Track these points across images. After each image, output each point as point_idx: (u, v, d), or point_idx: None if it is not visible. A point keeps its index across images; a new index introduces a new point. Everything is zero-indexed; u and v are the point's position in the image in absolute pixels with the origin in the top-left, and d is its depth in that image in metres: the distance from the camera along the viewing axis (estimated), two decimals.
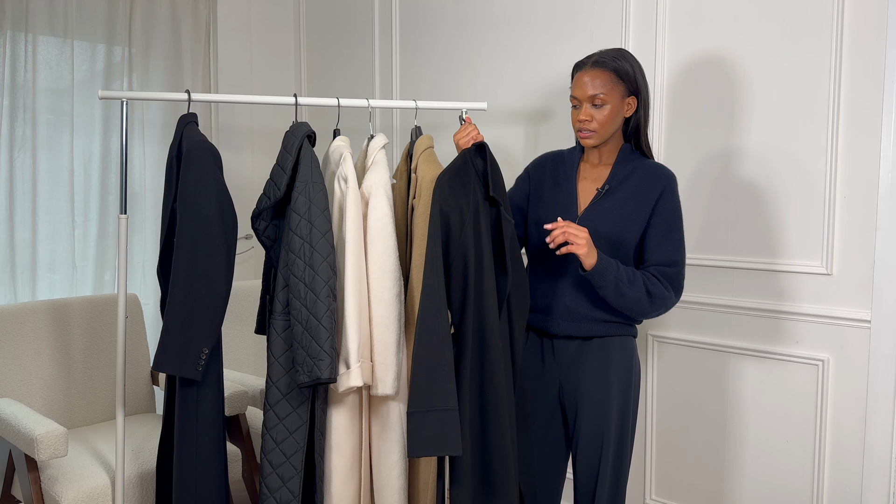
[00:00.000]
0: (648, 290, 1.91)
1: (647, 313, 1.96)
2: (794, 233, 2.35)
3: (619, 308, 1.93)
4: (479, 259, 1.86)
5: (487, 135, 3.12)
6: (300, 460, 2.19)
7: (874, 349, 2.21)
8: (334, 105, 2.33)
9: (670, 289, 1.94)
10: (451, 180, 1.90)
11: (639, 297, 1.90)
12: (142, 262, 3.50)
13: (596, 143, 1.99)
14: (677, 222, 1.98)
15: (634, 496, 2.72)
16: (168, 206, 2.18)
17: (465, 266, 1.86)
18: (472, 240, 1.86)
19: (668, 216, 1.97)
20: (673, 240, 1.96)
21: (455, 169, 1.93)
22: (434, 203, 1.86)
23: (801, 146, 2.32)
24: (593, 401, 1.98)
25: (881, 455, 2.21)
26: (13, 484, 2.55)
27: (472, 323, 1.85)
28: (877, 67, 2.17)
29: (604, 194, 1.99)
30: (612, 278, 1.87)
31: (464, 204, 1.88)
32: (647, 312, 1.95)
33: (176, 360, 2.05)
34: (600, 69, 1.95)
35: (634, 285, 1.89)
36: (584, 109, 1.96)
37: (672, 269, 1.94)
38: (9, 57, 3.08)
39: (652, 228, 1.97)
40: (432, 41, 3.31)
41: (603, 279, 1.87)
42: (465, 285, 1.86)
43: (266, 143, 3.86)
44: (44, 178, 3.18)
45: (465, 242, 1.86)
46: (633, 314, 1.96)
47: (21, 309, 2.75)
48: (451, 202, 1.87)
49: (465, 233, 1.87)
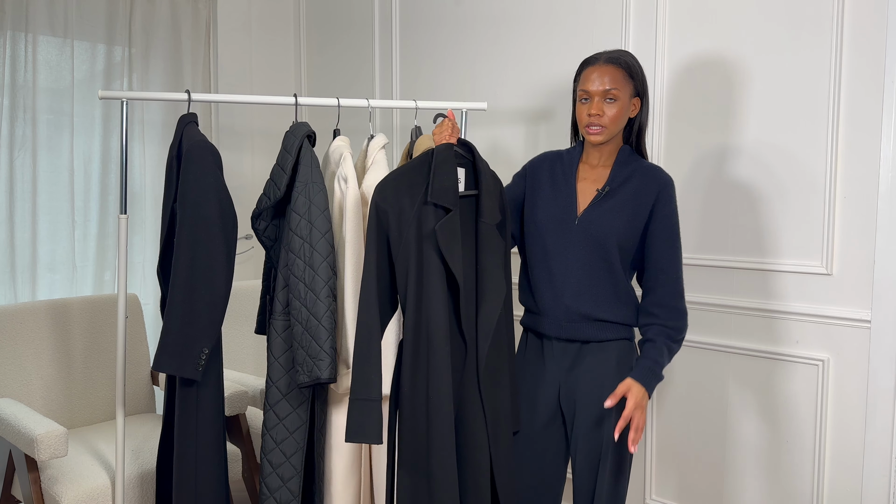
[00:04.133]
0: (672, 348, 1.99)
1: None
2: (793, 233, 2.35)
3: None
4: (419, 260, 1.85)
5: (488, 135, 3.13)
6: (300, 460, 2.19)
7: (874, 349, 2.21)
8: (334, 105, 2.33)
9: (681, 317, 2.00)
10: (396, 178, 1.89)
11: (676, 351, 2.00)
12: (142, 262, 3.50)
13: (604, 139, 1.98)
14: (677, 229, 2.00)
15: (634, 496, 2.72)
16: (168, 206, 2.18)
17: (406, 266, 1.86)
18: (414, 241, 1.85)
19: (669, 223, 1.98)
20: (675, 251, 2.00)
21: (407, 167, 1.92)
22: (371, 200, 1.87)
23: (800, 146, 2.32)
24: (591, 404, 1.98)
25: (881, 455, 2.21)
26: (13, 484, 2.55)
27: (415, 322, 1.85)
28: (877, 67, 2.17)
29: (604, 195, 1.99)
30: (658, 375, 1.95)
31: (406, 204, 1.86)
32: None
33: (176, 360, 2.05)
34: (614, 65, 1.96)
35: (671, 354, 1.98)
36: (596, 104, 1.95)
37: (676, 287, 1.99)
38: (9, 57, 3.08)
39: (653, 236, 1.98)
40: (432, 41, 3.31)
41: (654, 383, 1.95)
42: (407, 284, 1.86)
43: (266, 143, 3.86)
44: (44, 178, 3.18)
45: (406, 243, 1.86)
46: None
47: (21, 309, 2.75)
48: (391, 200, 1.86)
49: (405, 233, 1.86)
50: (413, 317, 1.86)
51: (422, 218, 1.86)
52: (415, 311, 1.86)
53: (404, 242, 1.86)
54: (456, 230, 1.85)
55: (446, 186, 1.87)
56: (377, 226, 1.87)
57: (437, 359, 1.83)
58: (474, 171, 1.99)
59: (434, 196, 1.86)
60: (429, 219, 1.86)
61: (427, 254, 1.85)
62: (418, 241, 1.86)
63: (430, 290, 1.85)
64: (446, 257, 1.82)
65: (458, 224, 1.86)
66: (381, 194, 1.88)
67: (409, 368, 1.87)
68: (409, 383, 1.87)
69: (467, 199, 1.96)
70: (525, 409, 2.07)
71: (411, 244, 1.86)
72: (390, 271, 1.90)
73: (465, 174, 1.98)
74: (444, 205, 1.86)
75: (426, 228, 1.85)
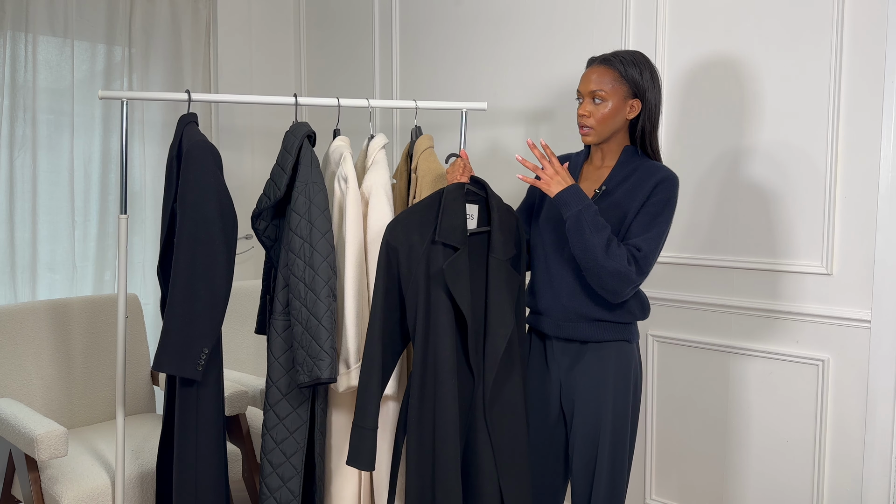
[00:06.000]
0: (609, 245, 1.85)
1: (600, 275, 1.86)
2: (794, 233, 2.35)
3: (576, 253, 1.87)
4: (427, 297, 1.91)
5: (488, 135, 3.13)
6: (300, 460, 2.19)
7: (874, 349, 2.21)
8: (334, 105, 2.32)
9: (633, 263, 1.87)
10: (407, 217, 1.95)
11: (595, 245, 1.84)
12: (142, 262, 3.50)
13: (594, 140, 1.98)
14: (663, 215, 1.92)
15: (634, 496, 2.72)
16: (168, 206, 2.18)
17: (415, 302, 1.93)
18: (423, 279, 1.91)
19: (654, 209, 1.91)
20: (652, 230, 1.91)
21: (418, 206, 1.98)
22: (382, 238, 1.94)
23: (800, 146, 2.32)
24: (588, 405, 1.98)
25: (881, 455, 2.21)
26: (13, 484, 2.55)
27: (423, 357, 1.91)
28: (877, 68, 2.17)
29: (600, 196, 1.99)
30: (576, 210, 1.84)
31: (416, 242, 1.92)
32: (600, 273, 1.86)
33: (176, 360, 2.05)
34: (606, 67, 1.95)
35: (598, 233, 1.84)
36: (584, 104, 1.96)
37: (640, 253, 1.89)
38: (9, 57, 3.08)
39: (637, 216, 1.93)
40: (432, 41, 3.31)
41: (567, 208, 1.86)
42: (416, 319, 1.93)
43: (266, 143, 3.86)
44: (44, 178, 3.18)
45: (415, 281, 1.91)
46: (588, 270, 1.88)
47: (21, 309, 2.75)
48: (401, 238, 1.92)
49: (414, 271, 1.91)
50: (421, 351, 1.92)
51: (431, 256, 1.92)
52: (423, 345, 1.92)
53: (413, 280, 1.92)
54: (462, 268, 1.91)
55: (455, 226, 1.92)
56: (387, 263, 1.93)
57: (444, 391, 1.89)
58: (487, 208, 2.03)
59: (442, 235, 1.91)
60: (437, 257, 1.92)
61: (435, 291, 1.91)
62: (427, 279, 1.92)
63: (437, 326, 1.91)
64: (454, 295, 1.88)
65: (465, 262, 1.92)
66: (392, 232, 1.94)
67: (416, 400, 1.92)
68: (417, 414, 1.92)
69: (480, 236, 2.00)
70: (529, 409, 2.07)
71: (420, 282, 1.92)
72: (400, 306, 1.96)
73: (479, 211, 2.02)
74: (451, 244, 1.91)
75: (434, 267, 1.91)
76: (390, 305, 1.94)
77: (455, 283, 1.89)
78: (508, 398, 1.97)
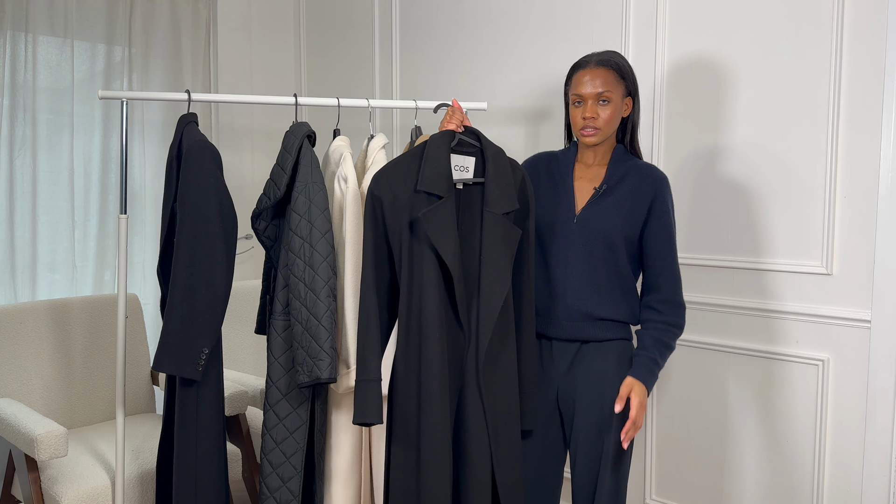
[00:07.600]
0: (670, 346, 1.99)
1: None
2: (793, 233, 2.35)
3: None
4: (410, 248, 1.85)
5: (487, 134, 3.11)
6: (300, 460, 2.19)
7: (874, 349, 2.21)
8: (334, 105, 2.33)
9: (681, 313, 2.01)
10: (391, 167, 1.89)
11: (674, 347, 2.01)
12: (142, 262, 3.50)
13: (599, 140, 1.99)
14: (673, 225, 2.03)
15: (634, 496, 2.72)
16: (168, 206, 2.18)
17: (399, 253, 1.87)
18: (406, 229, 1.85)
19: (666, 220, 2.00)
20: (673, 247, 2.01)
21: (403, 157, 1.91)
22: (367, 189, 1.88)
23: (800, 146, 2.32)
24: (591, 404, 1.98)
25: (881, 455, 2.21)
26: (13, 484, 2.55)
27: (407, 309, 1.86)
28: (877, 67, 2.17)
29: (601, 193, 2.00)
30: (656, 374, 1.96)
31: (400, 191, 1.86)
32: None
33: (176, 360, 2.05)
34: (605, 67, 1.97)
35: (668, 351, 1.98)
36: (590, 107, 1.96)
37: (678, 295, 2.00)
38: (9, 57, 3.08)
39: (652, 234, 1.99)
40: (432, 41, 3.31)
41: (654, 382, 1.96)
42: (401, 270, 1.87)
43: (266, 143, 3.86)
44: (44, 178, 3.18)
45: (399, 231, 1.86)
46: None
47: (21, 309, 2.75)
48: (385, 188, 1.86)
49: (398, 221, 1.86)
50: (406, 304, 1.86)
51: (413, 206, 1.86)
52: (407, 298, 1.86)
53: (397, 230, 1.87)
54: (445, 218, 1.83)
55: (438, 174, 1.86)
56: (373, 214, 1.88)
57: (429, 346, 1.83)
58: (483, 159, 1.97)
59: (423, 184, 1.85)
60: (420, 207, 1.85)
61: (417, 243, 1.85)
62: (410, 229, 1.86)
63: (421, 278, 1.84)
64: (435, 245, 1.81)
65: (450, 212, 1.84)
66: (377, 183, 1.88)
67: (402, 354, 1.87)
68: (403, 369, 1.87)
69: (476, 188, 1.94)
70: None
71: (403, 232, 1.86)
72: (390, 258, 1.90)
73: (475, 163, 1.96)
74: (435, 192, 1.84)
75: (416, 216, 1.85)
76: (379, 258, 1.88)
77: (435, 232, 1.80)
78: (504, 361, 1.91)
